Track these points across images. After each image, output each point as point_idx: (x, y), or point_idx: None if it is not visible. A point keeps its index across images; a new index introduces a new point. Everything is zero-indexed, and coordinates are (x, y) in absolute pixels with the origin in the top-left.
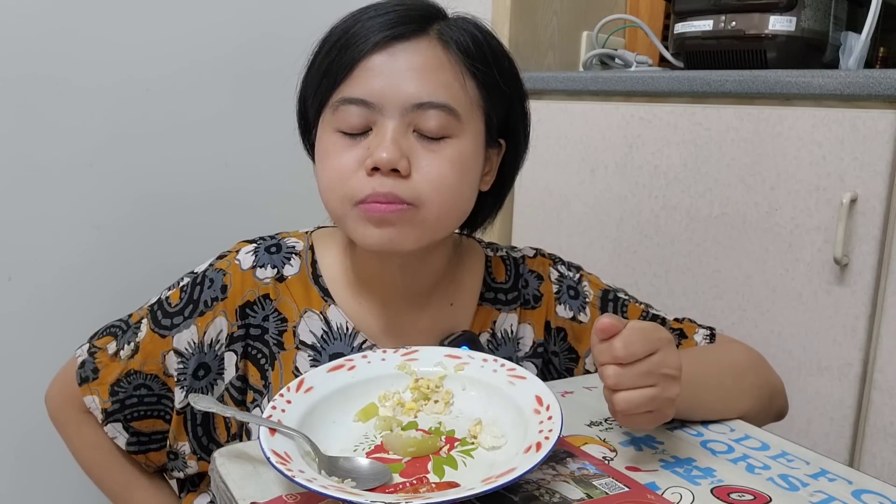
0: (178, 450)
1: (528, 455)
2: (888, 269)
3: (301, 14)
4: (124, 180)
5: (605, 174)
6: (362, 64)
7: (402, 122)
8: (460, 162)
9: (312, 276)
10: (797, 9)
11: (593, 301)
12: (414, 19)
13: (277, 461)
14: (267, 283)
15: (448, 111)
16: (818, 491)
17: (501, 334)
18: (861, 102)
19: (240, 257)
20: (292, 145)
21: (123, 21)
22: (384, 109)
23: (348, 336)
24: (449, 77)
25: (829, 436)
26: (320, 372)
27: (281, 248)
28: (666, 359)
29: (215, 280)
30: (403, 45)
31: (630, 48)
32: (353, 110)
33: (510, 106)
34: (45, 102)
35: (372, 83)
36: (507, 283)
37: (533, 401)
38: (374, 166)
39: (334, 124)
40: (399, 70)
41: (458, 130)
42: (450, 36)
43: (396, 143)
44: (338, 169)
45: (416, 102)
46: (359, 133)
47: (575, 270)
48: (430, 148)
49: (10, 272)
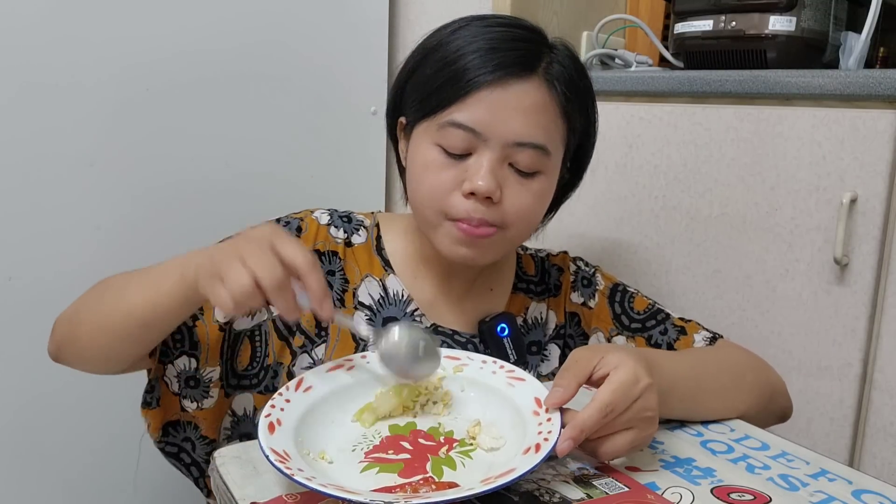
0: (204, 377)
1: (527, 456)
2: (888, 269)
3: (301, 14)
4: (124, 180)
5: (605, 174)
6: (476, 94)
7: (501, 154)
8: (543, 194)
9: (376, 248)
10: (797, 9)
11: (602, 290)
12: (526, 56)
13: (276, 459)
14: (338, 242)
15: (542, 151)
16: (818, 491)
17: (532, 320)
18: (861, 102)
19: (316, 214)
20: (292, 145)
21: (123, 21)
22: (488, 140)
23: (402, 302)
24: (549, 119)
25: (829, 436)
26: (320, 371)
27: (351, 219)
28: (646, 403)
29: (291, 223)
30: (516, 83)
31: (630, 48)
32: (460, 134)
33: (587, 132)
34: (45, 102)
35: (482, 114)
36: (535, 277)
37: (532, 402)
38: (471, 191)
39: (437, 139)
40: (508, 107)
41: (546, 167)
42: (554, 76)
43: (494, 173)
44: (436, 186)
45: (518, 141)
46: (459, 154)
47: (592, 267)
48: (521, 181)
49: (10, 272)
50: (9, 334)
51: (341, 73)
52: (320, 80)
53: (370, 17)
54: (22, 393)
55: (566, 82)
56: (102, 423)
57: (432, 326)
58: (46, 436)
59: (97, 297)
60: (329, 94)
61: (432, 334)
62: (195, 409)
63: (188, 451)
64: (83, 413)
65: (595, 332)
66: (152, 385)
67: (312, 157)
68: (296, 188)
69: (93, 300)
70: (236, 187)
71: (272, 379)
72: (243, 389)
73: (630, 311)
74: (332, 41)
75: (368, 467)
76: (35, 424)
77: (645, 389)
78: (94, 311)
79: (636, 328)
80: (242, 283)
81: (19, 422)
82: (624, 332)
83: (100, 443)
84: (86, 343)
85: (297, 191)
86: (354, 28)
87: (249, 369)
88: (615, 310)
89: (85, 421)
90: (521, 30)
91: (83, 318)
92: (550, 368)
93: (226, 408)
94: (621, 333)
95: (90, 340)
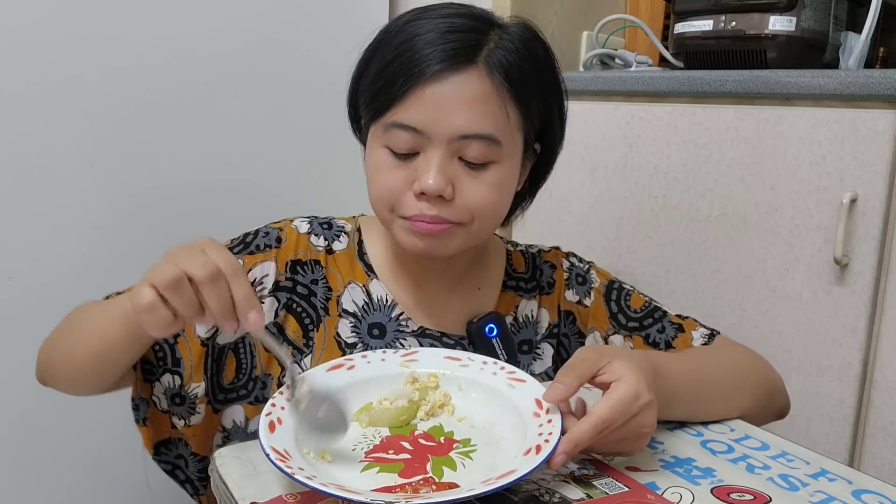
0: (189, 393)
1: (527, 457)
2: (888, 269)
3: (301, 14)
4: (124, 180)
5: (605, 174)
6: (415, 93)
7: (448, 150)
8: (500, 184)
9: (358, 254)
10: (797, 9)
11: (598, 287)
12: (463, 46)
13: (277, 458)
14: (319, 250)
15: (491, 141)
16: (818, 491)
17: (523, 318)
18: (861, 102)
19: (296, 223)
20: (292, 145)
21: (123, 20)
22: (432, 138)
23: (387, 307)
24: (493, 107)
25: (829, 436)
26: (320, 371)
27: (332, 226)
28: (643, 420)
29: (271, 233)
30: (454, 76)
31: (630, 48)
32: (403, 135)
33: (549, 113)
34: (44, 103)
35: (422, 112)
36: (526, 273)
37: (532, 404)
38: (421, 191)
39: (384, 141)
40: (448, 101)
41: (499, 156)
42: (496, 61)
43: (442, 170)
44: (387, 186)
45: (462, 134)
46: (407, 154)
47: (586, 263)
48: (473, 174)
49: (10, 272)
50: (9, 334)
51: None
52: (320, 81)
53: (370, 18)
54: (22, 393)
55: (511, 67)
56: (106, 423)
57: (419, 330)
58: (47, 436)
59: (67, 326)
60: (329, 94)
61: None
62: (184, 426)
63: (182, 467)
64: (86, 413)
65: (591, 331)
66: (136, 404)
67: (312, 158)
68: (295, 188)
69: (64, 328)
70: (236, 187)
71: (261, 390)
72: (232, 402)
73: (627, 310)
74: (332, 41)
75: (368, 467)
76: (36, 425)
77: (644, 407)
78: (63, 340)
79: (633, 327)
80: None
81: (19, 422)
82: (621, 332)
83: (104, 443)
84: (59, 372)
85: (296, 191)
86: (354, 28)
87: (236, 381)
88: (611, 308)
89: (88, 421)
90: (463, 18)
91: (55, 347)
92: (544, 368)
93: (216, 424)
94: (618, 332)
95: (61, 370)
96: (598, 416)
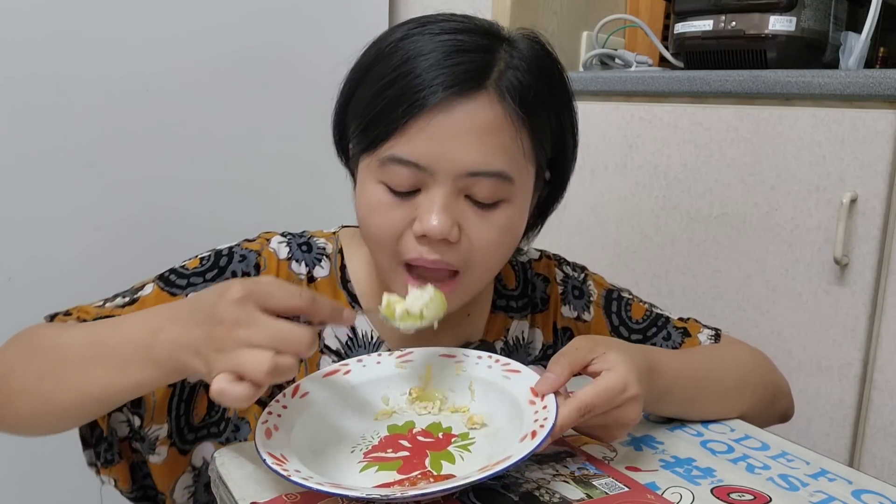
0: (149, 434)
1: (523, 443)
2: (888, 269)
3: (301, 14)
4: (124, 180)
5: (605, 174)
6: (417, 123)
7: (454, 188)
8: (510, 225)
9: (341, 281)
10: (797, 9)
11: (597, 300)
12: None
13: (273, 462)
14: (301, 278)
15: (503, 178)
16: (818, 491)
17: (514, 341)
18: (861, 102)
19: (273, 246)
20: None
21: (123, 21)
22: (436, 175)
23: (372, 345)
24: (506, 139)
25: (829, 436)
26: (316, 377)
27: (312, 248)
28: (625, 413)
29: (247, 257)
30: (462, 104)
31: (630, 48)
32: (403, 171)
33: (562, 140)
34: (44, 102)
35: (426, 147)
36: (516, 290)
37: (528, 392)
38: (423, 234)
39: (380, 177)
40: (455, 134)
41: (510, 194)
42: (508, 85)
43: (447, 211)
44: (386, 228)
45: (470, 171)
46: (406, 192)
47: (580, 271)
48: (482, 214)
49: (10, 272)
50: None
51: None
52: (320, 81)
53: (370, 18)
54: None
55: (525, 90)
56: None
57: None
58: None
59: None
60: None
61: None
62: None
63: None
64: None
65: None
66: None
67: (312, 158)
68: (295, 188)
69: (23, 366)
70: (236, 188)
71: (234, 432)
72: (203, 440)
73: (628, 321)
74: (332, 42)
75: (367, 466)
76: None
77: (629, 400)
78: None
79: (637, 339)
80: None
81: None
82: None
83: None
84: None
85: (296, 191)
86: (354, 28)
87: (208, 419)
88: (612, 321)
89: None
90: (469, 35)
91: (15, 388)
92: None
93: (182, 465)
94: None
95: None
96: (581, 400)
